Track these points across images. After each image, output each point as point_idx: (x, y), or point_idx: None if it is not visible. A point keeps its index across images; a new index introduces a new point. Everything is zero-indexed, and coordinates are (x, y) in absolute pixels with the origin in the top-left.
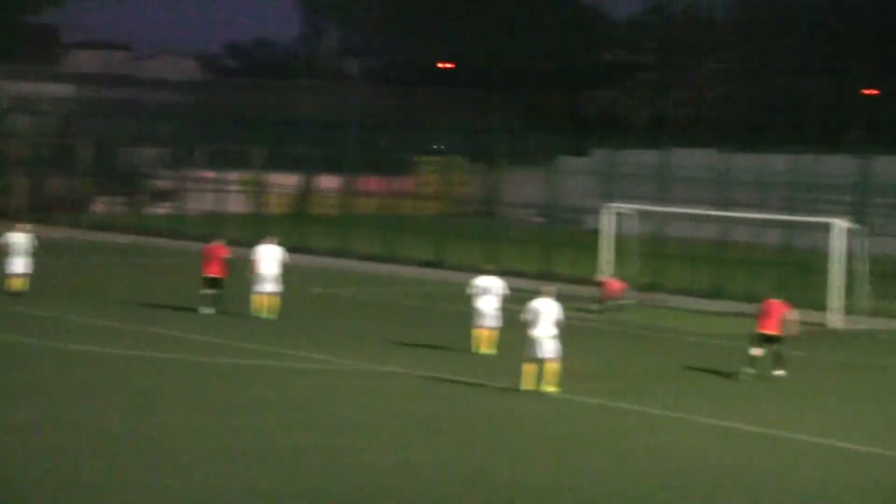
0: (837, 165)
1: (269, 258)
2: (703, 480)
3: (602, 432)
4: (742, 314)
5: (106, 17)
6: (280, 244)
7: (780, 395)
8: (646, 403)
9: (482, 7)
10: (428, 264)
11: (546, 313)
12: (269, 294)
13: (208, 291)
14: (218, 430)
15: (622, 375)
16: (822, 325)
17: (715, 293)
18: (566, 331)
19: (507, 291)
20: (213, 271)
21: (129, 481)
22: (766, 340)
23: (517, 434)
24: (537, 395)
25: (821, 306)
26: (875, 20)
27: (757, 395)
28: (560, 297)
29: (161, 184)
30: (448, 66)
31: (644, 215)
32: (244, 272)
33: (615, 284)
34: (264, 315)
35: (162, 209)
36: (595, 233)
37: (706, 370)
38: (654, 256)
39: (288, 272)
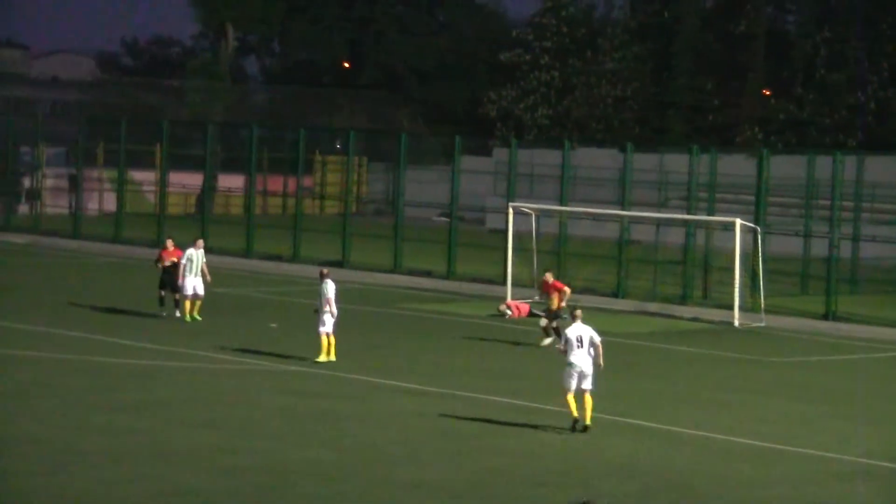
0: (734, 164)
1: (197, 263)
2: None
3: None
4: (644, 313)
5: (1, 15)
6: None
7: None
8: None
9: (380, 6)
10: (332, 264)
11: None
12: (196, 297)
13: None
14: (117, 431)
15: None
16: (729, 323)
17: (618, 292)
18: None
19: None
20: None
21: (31, 483)
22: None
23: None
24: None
25: (724, 304)
26: (768, 20)
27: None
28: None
29: (28, 182)
30: (346, 65)
31: (546, 214)
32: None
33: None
34: (190, 318)
35: (34, 208)
36: (497, 232)
37: None
38: (556, 255)
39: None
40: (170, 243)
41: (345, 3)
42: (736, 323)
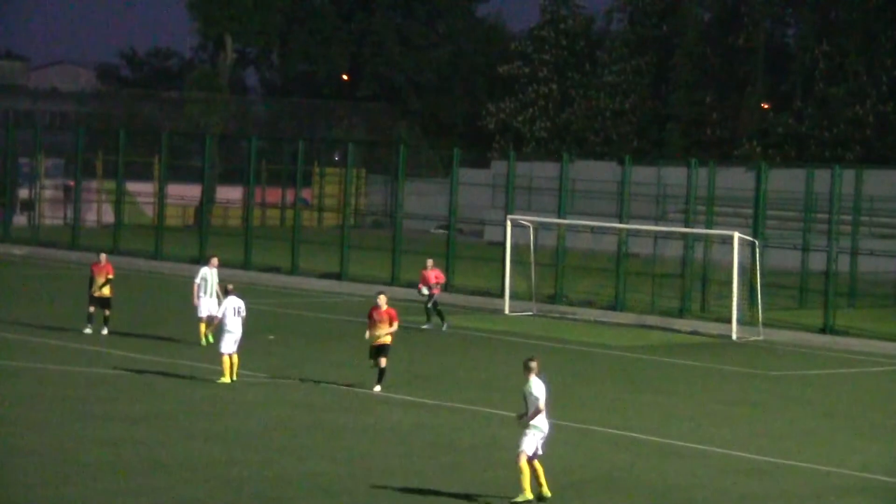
0: (732, 178)
1: (211, 283)
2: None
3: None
4: (643, 326)
5: (0, 27)
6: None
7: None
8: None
9: (380, 18)
10: (331, 276)
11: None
12: (210, 319)
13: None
14: (116, 442)
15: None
16: (728, 336)
17: (616, 305)
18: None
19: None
20: (103, 290)
21: (30, 494)
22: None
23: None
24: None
25: (722, 318)
26: (768, 34)
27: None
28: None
29: (24, 193)
30: (345, 77)
31: (544, 227)
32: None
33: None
34: (205, 340)
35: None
36: (496, 245)
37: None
38: (555, 268)
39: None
40: (103, 257)
41: (344, 16)
42: (734, 336)
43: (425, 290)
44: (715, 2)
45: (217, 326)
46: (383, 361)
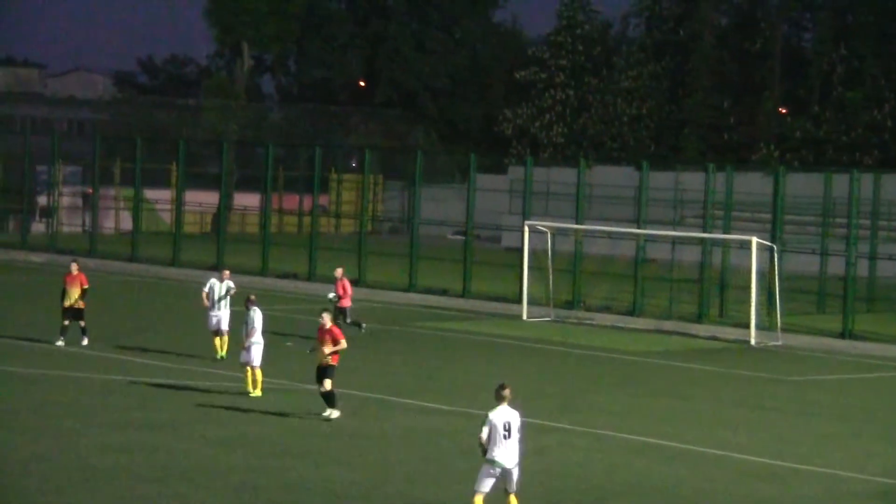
0: (750, 182)
1: (219, 294)
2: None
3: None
4: (661, 331)
5: (17, 34)
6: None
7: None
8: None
9: (396, 24)
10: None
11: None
12: (219, 333)
13: (68, 322)
14: (133, 449)
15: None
16: (746, 341)
17: (634, 311)
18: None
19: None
20: (76, 301)
21: (48, 501)
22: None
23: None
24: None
25: (740, 323)
26: (784, 38)
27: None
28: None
29: (42, 200)
30: (361, 83)
31: (562, 233)
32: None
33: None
34: (219, 355)
35: (42, 225)
36: (513, 250)
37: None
38: (572, 273)
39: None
40: (74, 267)
41: (360, 22)
42: (753, 341)
43: (331, 295)
44: (731, 6)
45: (247, 339)
46: (328, 384)
